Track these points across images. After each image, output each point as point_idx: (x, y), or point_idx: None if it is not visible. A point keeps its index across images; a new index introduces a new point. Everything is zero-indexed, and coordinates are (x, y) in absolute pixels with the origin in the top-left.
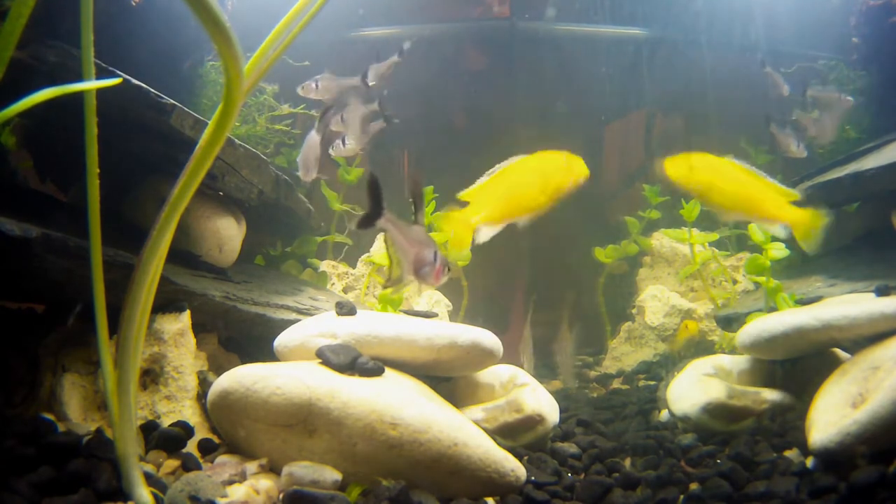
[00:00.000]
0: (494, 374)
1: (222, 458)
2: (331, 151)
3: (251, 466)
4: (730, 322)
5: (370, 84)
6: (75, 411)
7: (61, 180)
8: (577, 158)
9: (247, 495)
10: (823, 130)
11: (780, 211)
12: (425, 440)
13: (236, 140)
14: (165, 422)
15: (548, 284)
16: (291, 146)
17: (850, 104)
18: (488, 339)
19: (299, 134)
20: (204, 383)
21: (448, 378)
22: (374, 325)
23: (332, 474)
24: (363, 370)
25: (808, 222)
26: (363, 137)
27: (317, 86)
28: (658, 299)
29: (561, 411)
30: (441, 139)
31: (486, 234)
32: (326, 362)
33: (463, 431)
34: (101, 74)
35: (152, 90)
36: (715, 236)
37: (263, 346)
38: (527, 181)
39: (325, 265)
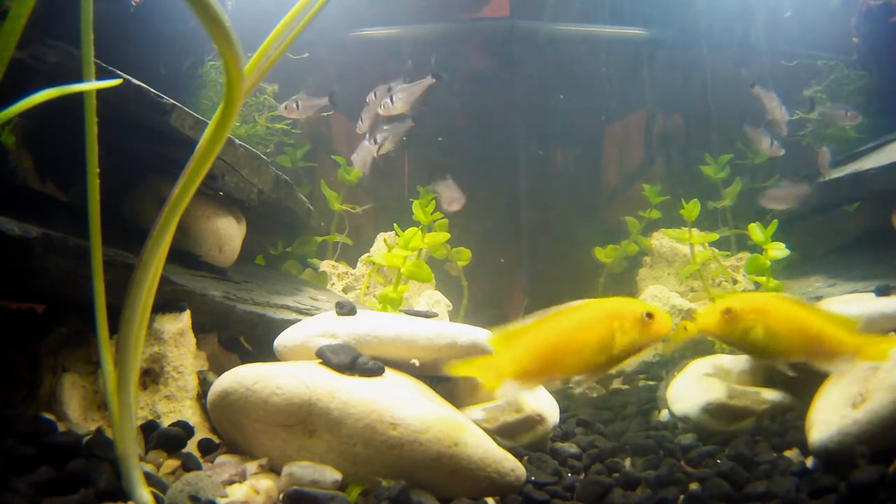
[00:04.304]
0: None
1: (222, 458)
2: (379, 111)
3: (251, 466)
4: None
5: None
6: (75, 411)
7: (61, 180)
8: (654, 310)
9: (247, 495)
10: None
11: (843, 345)
12: (425, 440)
13: (236, 140)
14: (165, 422)
15: (547, 284)
16: (293, 146)
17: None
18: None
19: (299, 134)
20: (204, 383)
21: (448, 378)
22: (374, 325)
23: (332, 474)
24: (363, 370)
25: (876, 349)
26: (392, 137)
27: (298, 106)
28: (658, 299)
29: (561, 411)
30: (441, 139)
31: (512, 392)
32: (326, 362)
33: (463, 431)
34: (101, 74)
35: (152, 90)
36: (715, 236)
37: (263, 346)
38: (581, 336)
39: (325, 265)
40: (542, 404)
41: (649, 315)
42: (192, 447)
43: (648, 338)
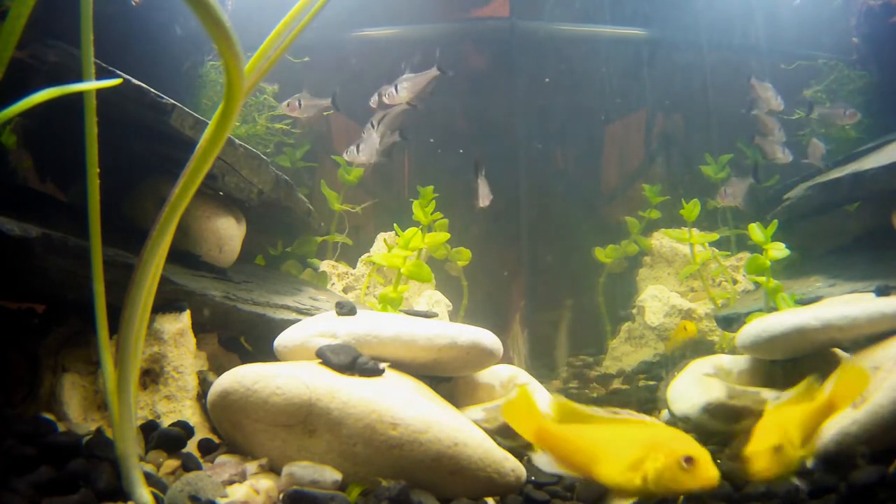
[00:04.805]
0: (494, 374)
1: (222, 458)
2: (345, 156)
3: (251, 466)
4: (730, 322)
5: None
6: (75, 411)
7: (61, 180)
8: (698, 457)
9: (247, 495)
10: (735, 194)
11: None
12: (425, 440)
13: (236, 140)
14: (165, 422)
15: (547, 284)
16: (293, 146)
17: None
18: (488, 339)
19: (299, 134)
20: (204, 383)
21: (448, 378)
22: (374, 325)
23: (332, 474)
24: (363, 370)
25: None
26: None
27: (300, 104)
28: (658, 299)
29: None
30: (441, 139)
31: (544, 464)
32: (326, 362)
33: (463, 431)
34: (101, 74)
35: (152, 90)
36: (715, 236)
37: (263, 346)
38: (615, 453)
39: (325, 265)
40: (542, 404)
41: (688, 460)
42: (192, 447)
43: (683, 486)
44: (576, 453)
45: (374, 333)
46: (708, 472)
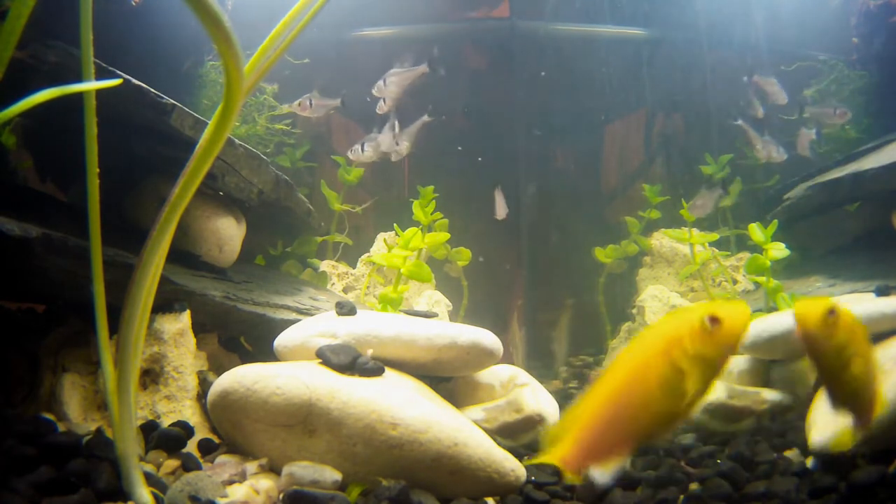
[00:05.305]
0: (494, 374)
1: (222, 458)
2: (349, 155)
3: (251, 466)
4: None
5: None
6: (75, 411)
7: (61, 180)
8: (720, 312)
9: (247, 495)
10: (705, 206)
11: None
12: (425, 440)
13: (236, 140)
14: (165, 422)
15: (547, 284)
16: (293, 146)
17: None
18: (488, 339)
19: (299, 134)
20: (204, 383)
21: (448, 378)
22: (374, 325)
23: (332, 474)
24: (363, 370)
25: None
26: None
27: (311, 104)
28: (658, 299)
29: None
30: (441, 140)
31: (599, 477)
32: (326, 362)
33: (463, 431)
34: (100, 74)
35: (152, 90)
36: (715, 236)
37: (263, 346)
38: (640, 388)
39: (325, 265)
40: (542, 404)
41: (713, 320)
42: (192, 447)
43: (722, 350)
44: (605, 434)
45: (374, 333)
46: (738, 315)
